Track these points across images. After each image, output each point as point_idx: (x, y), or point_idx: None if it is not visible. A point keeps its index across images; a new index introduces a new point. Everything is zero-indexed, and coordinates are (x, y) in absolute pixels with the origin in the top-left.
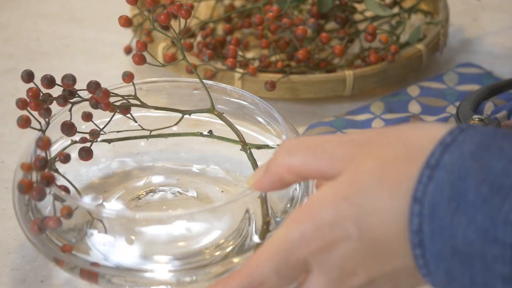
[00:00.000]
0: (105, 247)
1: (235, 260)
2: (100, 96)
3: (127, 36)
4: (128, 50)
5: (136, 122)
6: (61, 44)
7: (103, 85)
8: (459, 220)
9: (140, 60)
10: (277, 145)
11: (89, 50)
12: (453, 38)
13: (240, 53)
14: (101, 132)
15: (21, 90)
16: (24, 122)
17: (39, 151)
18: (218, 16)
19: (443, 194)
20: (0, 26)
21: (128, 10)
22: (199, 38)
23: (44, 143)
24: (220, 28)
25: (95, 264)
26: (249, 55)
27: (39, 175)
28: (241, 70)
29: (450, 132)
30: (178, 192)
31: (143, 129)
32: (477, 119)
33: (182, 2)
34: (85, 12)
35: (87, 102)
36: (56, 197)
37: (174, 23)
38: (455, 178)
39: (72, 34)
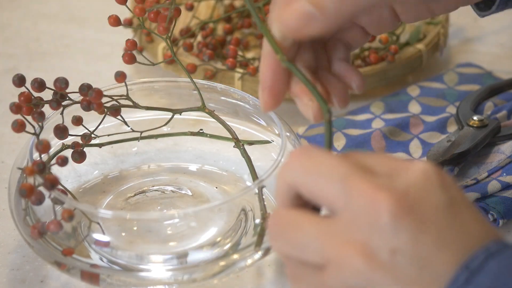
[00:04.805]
0: (104, 248)
1: (233, 257)
2: (93, 97)
3: (127, 36)
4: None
5: (127, 124)
6: (61, 44)
7: (102, 85)
8: None
9: (130, 59)
10: (272, 140)
11: (89, 50)
12: (453, 38)
13: (240, 53)
14: (93, 135)
15: (21, 90)
16: (19, 126)
17: (35, 155)
18: (218, 16)
19: None
20: (0, 26)
21: (127, 10)
22: (199, 38)
23: (43, 147)
24: (220, 28)
25: (95, 266)
26: (249, 55)
27: (42, 178)
28: (241, 70)
29: (496, 242)
30: (171, 191)
31: (133, 130)
32: (477, 119)
33: (182, 1)
34: (85, 12)
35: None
36: (56, 201)
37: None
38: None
39: (72, 34)
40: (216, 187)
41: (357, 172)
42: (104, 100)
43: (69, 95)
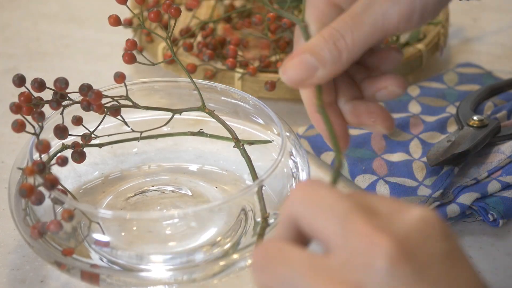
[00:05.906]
0: (104, 248)
1: (233, 257)
2: (92, 98)
3: (127, 36)
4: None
5: (127, 125)
6: (61, 44)
7: (102, 85)
8: None
9: (130, 59)
10: (272, 140)
11: (89, 50)
12: (453, 38)
13: (240, 53)
14: (93, 135)
15: (21, 90)
16: (19, 126)
17: (35, 155)
18: (218, 16)
19: None
20: (0, 26)
21: (127, 10)
22: (199, 38)
23: (43, 147)
24: (220, 28)
25: (95, 266)
26: (249, 55)
27: (42, 178)
28: (241, 70)
29: None
30: (171, 191)
31: (133, 131)
32: (477, 119)
33: (182, 1)
34: (85, 12)
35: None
36: (56, 201)
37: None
38: None
39: (72, 34)
40: (216, 187)
41: (358, 211)
42: (104, 100)
43: (69, 95)
